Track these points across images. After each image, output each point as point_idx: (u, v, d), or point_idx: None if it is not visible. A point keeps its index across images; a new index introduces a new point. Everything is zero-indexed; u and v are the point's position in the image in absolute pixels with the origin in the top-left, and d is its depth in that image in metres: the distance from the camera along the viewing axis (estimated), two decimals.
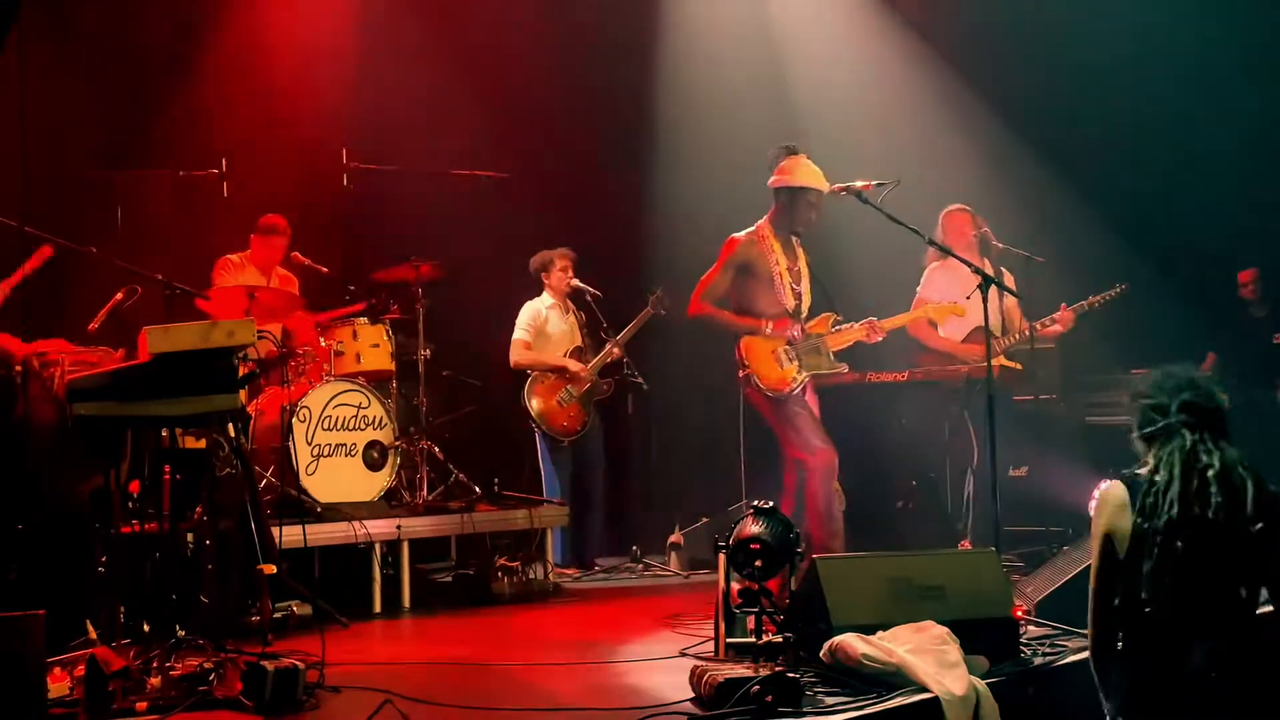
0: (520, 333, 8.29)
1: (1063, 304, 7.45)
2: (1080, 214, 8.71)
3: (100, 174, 7.39)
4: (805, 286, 6.51)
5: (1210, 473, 3.65)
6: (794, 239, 6.54)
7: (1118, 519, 3.71)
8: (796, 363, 6.36)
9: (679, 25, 9.72)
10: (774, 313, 6.40)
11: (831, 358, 6.46)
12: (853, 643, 4.38)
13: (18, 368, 5.61)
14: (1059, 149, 8.78)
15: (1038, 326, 7.35)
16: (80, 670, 4.31)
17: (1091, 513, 3.98)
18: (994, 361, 6.19)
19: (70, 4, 7.28)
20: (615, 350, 8.34)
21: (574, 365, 8.23)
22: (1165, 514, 3.63)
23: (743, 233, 6.46)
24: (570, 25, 9.24)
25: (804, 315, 6.49)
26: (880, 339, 6.61)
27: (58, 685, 4.34)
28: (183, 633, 4.81)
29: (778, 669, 4.22)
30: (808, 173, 6.43)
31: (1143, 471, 3.77)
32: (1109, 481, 3.88)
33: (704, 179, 9.24)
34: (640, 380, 8.47)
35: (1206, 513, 3.61)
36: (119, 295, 6.28)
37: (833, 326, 6.49)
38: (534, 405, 8.17)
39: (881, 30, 9.49)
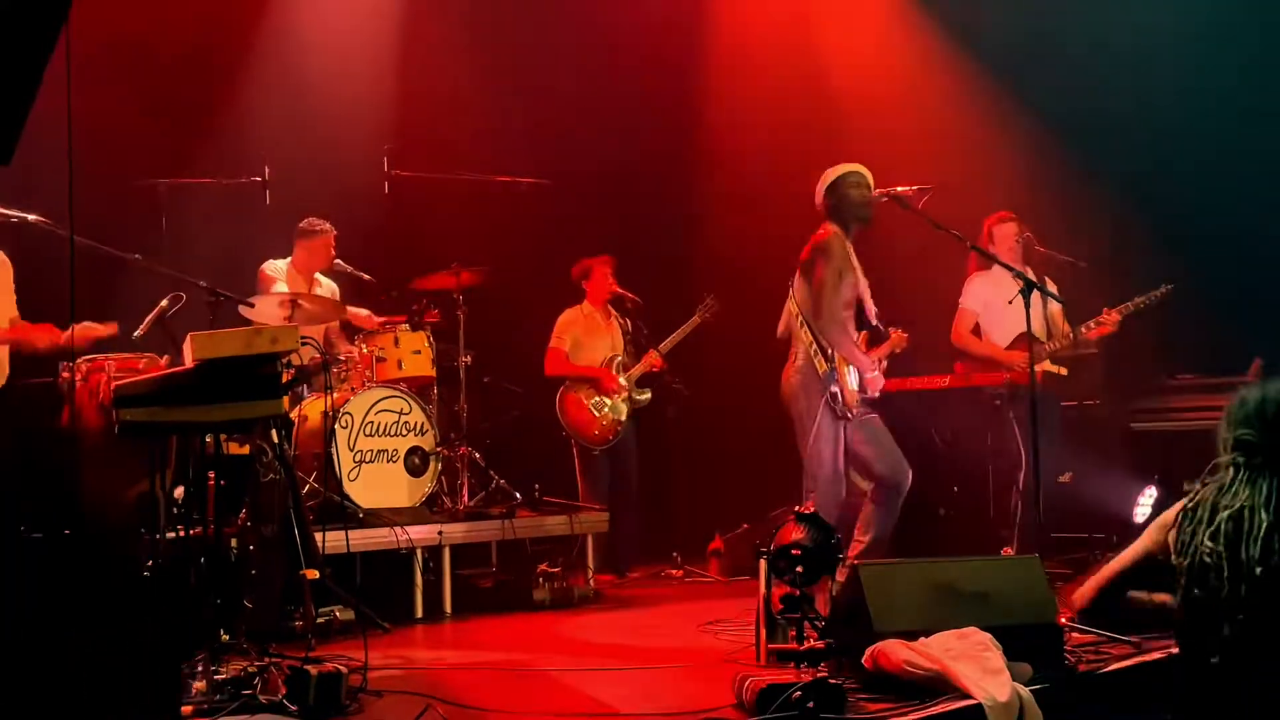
0: (555, 341, 8.31)
1: (1105, 307, 7.37)
2: (1124, 218, 8.63)
3: (145, 182, 7.44)
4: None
5: (1227, 513, 3.74)
6: None
7: (1161, 538, 3.94)
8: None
9: (722, 32, 9.72)
10: (868, 321, 6.35)
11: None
12: (895, 649, 4.36)
13: (64, 374, 5.67)
14: (1101, 152, 8.70)
15: (1082, 330, 7.27)
16: None
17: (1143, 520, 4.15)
18: (1038, 366, 6.13)
19: (115, 13, 7.33)
20: (656, 361, 8.34)
21: (609, 377, 8.23)
22: (1187, 554, 3.86)
23: (821, 230, 6.32)
24: (613, 32, 9.25)
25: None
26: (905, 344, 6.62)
27: None
28: (227, 637, 4.85)
29: (819, 675, 4.21)
30: (833, 170, 6.37)
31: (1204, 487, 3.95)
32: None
33: (747, 185, 9.22)
34: (681, 386, 8.47)
35: (1204, 557, 3.80)
36: (164, 302, 6.31)
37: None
38: (566, 414, 8.20)
39: (921, 36, 9.45)
